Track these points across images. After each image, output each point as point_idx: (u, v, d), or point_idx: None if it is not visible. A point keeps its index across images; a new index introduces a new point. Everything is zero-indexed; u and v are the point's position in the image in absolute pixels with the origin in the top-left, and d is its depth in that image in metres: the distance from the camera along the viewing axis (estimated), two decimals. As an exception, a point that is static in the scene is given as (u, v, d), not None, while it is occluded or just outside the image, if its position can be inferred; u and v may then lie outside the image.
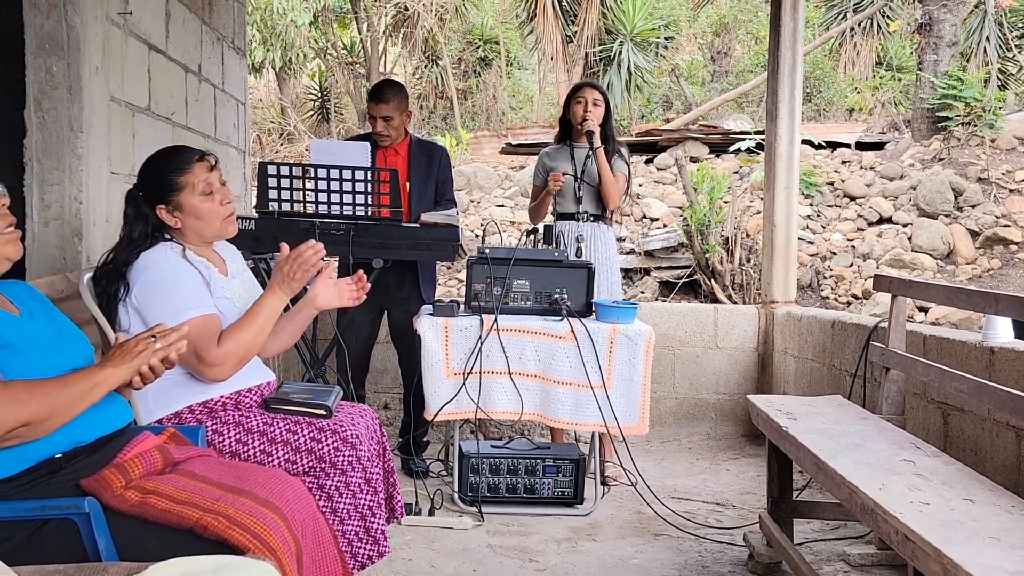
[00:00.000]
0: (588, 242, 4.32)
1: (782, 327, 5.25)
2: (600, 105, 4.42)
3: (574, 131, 4.48)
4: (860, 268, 9.69)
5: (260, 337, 2.51)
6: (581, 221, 4.36)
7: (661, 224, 10.81)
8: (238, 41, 5.04)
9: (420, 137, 4.76)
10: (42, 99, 3.08)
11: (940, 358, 3.37)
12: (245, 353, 2.47)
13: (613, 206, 4.45)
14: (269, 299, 2.54)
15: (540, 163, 4.61)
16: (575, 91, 4.52)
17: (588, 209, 4.40)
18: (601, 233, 4.45)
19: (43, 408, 1.77)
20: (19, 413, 1.73)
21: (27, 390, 1.77)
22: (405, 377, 4.58)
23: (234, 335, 2.46)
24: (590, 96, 4.43)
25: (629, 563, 3.31)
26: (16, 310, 2.00)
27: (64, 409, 1.81)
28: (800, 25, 5.33)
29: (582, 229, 4.33)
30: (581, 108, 4.40)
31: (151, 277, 2.45)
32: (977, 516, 2.04)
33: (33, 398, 1.76)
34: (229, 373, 2.46)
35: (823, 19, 18.15)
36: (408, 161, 4.45)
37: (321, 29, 18.99)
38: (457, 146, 15.06)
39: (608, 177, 4.34)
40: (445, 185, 4.54)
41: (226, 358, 2.43)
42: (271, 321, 2.54)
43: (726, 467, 4.76)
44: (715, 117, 16.07)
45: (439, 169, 4.52)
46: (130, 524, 1.83)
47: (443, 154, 4.60)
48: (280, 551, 1.80)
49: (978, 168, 10.90)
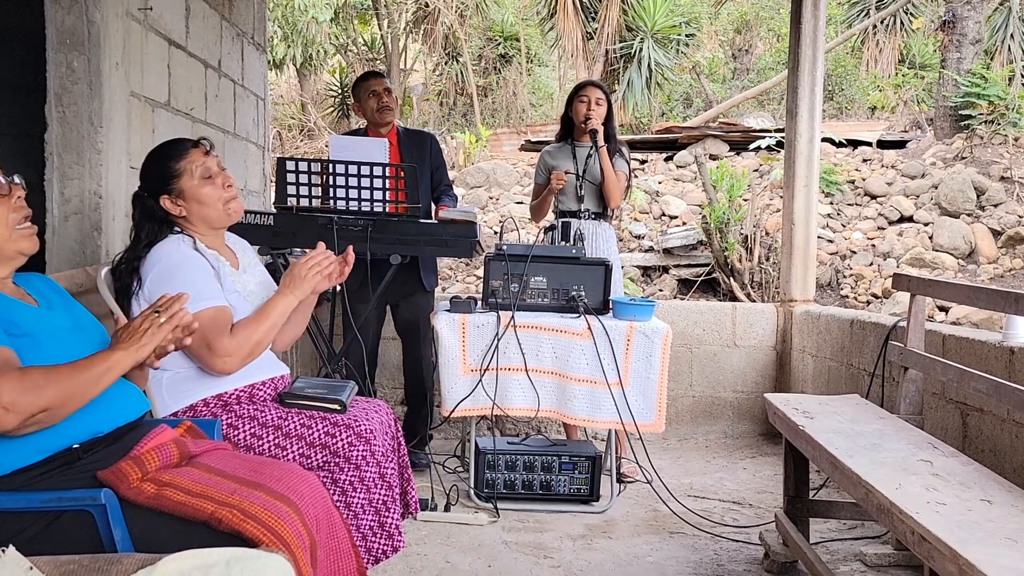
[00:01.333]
0: (589, 240, 4.33)
1: (800, 326, 5.22)
2: (603, 104, 4.43)
3: (576, 129, 4.50)
4: (880, 267, 9.62)
5: (270, 334, 2.54)
6: (583, 219, 4.36)
7: (680, 222, 10.78)
8: (258, 37, 5.06)
9: (406, 127, 4.79)
10: (63, 94, 3.10)
11: (959, 358, 3.34)
12: (254, 349, 2.50)
13: (614, 204, 4.46)
14: (279, 299, 2.58)
15: (541, 161, 4.63)
16: (578, 89, 4.53)
17: (590, 207, 4.41)
18: (603, 231, 4.46)
19: (60, 394, 1.79)
20: (38, 400, 1.75)
21: (44, 377, 1.78)
22: (408, 371, 4.59)
23: (246, 328, 2.48)
24: (593, 95, 4.43)
25: (644, 561, 3.31)
26: (35, 301, 2.02)
27: (80, 394, 1.83)
28: (821, 22, 5.30)
29: (583, 227, 4.33)
30: (584, 107, 4.41)
31: (162, 269, 2.47)
32: (994, 517, 2.02)
33: (50, 385, 1.78)
34: (237, 366, 2.48)
35: (845, 16, 18.02)
36: (399, 150, 4.48)
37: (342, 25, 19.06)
38: (476, 143, 15.06)
39: (611, 175, 4.35)
40: (440, 171, 4.59)
41: (237, 350, 2.44)
42: (282, 319, 2.57)
43: (743, 466, 4.74)
44: (736, 115, 15.99)
45: (431, 155, 4.56)
46: (146, 516, 1.85)
47: (433, 140, 4.65)
48: (294, 544, 1.81)
49: (1001, 167, 10.79)
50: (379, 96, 4.46)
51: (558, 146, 4.61)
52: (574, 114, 4.48)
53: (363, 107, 4.53)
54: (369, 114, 4.50)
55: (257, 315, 2.53)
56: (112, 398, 1.98)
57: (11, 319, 1.89)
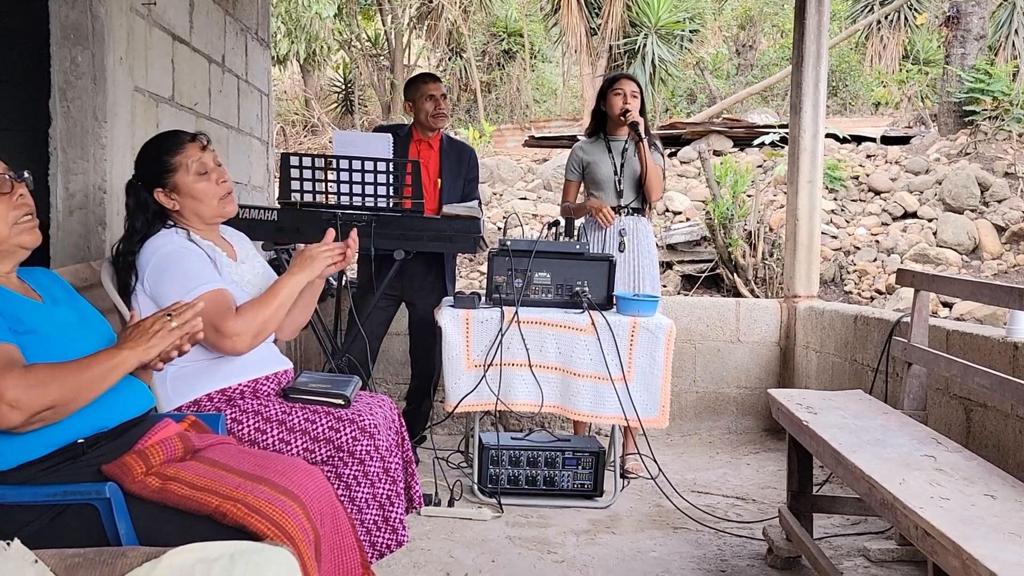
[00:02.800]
0: (631, 235, 4.31)
1: (804, 321, 5.22)
2: (637, 97, 4.36)
3: (609, 123, 4.43)
4: (884, 263, 9.61)
5: (279, 314, 2.55)
6: (624, 215, 4.33)
7: (684, 218, 10.78)
8: (262, 32, 5.06)
9: (449, 135, 4.79)
10: (67, 89, 3.11)
11: (963, 353, 3.34)
12: (263, 327, 2.50)
13: (657, 197, 4.41)
14: (287, 279, 2.59)
15: (574, 157, 4.52)
16: (612, 82, 4.43)
17: (629, 202, 4.38)
18: (642, 226, 4.42)
19: (66, 391, 1.79)
20: (44, 397, 1.76)
21: (49, 374, 1.79)
22: (418, 370, 4.59)
23: (254, 308, 2.49)
24: (628, 88, 4.37)
25: (648, 556, 3.31)
26: (39, 297, 2.02)
27: (85, 391, 1.83)
28: (825, 18, 5.29)
29: (624, 223, 4.30)
30: (620, 100, 4.34)
31: (158, 262, 2.47)
32: (998, 512, 2.02)
33: (55, 382, 1.78)
34: (247, 346, 2.48)
35: (850, 12, 18.01)
36: (440, 157, 4.47)
37: (345, 21, 19.05)
38: (480, 139, 15.06)
39: (653, 168, 4.30)
40: (472, 184, 4.56)
41: (245, 328, 2.45)
42: (290, 300, 2.58)
43: (746, 461, 4.74)
44: (740, 111, 15.98)
45: (468, 168, 4.55)
46: (150, 510, 1.85)
47: (472, 154, 4.64)
48: (298, 538, 1.81)
49: (1005, 163, 10.78)
50: (436, 101, 4.42)
51: (591, 141, 4.52)
52: (609, 107, 4.40)
53: (416, 107, 4.46)
54: (422, 116, 4.44)
55: (265, 295, 2.55)
56: (117, 393, 1.98)
57: (16, 315, 1.89)
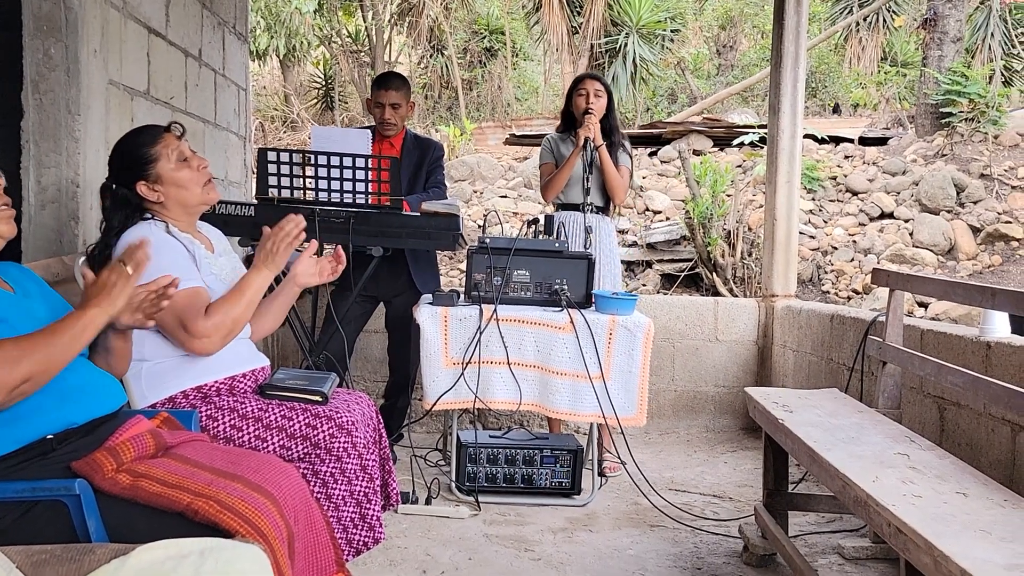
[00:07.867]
0: (595, 233, 4.32)
1: (782, 321, 5.24)
2: (602, 96, 4.38)
3: (577, 123, 4.45)
4: (861, 263, 9.68)
5: (248, 311, 2.52)
6: (587, 212, 4.34)
7: (664, 217, 10.81)
8: (240, 26, 5.03)
9: (418, 133, 4.76)
10: (40, 81, 3.07)
11: (937, 352, 3.36)
12: (233, 327, 2.48)
13: (619, 201, 4.45)
14: (254, 275, 2.55)
15: (549, 144, 4.56)
16: (577, 83, 4.48)
17: (594, 201, 4.39)
18: (605, 225, 4.44)
19: (38, 362, 1.77)
20: (15, 371, 1.73)
21: (17, 348, 1.76)
22: (395, 366, 4.58)
23: (222, 308, 2.46)
24: (591, 87, 4.39)
25: (625, 554, 3.31)
26: (11, 289, 2.00)
27: (59, 357, 1.81)
28: (804, 19, 5.31)
29: (590, 220, 4.31)
30: (583, 100, 4.37)
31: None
32: (969, 509, 2.03)
33: (25, 355, 1.76)
34: (217, 346, 2.46)
35: (829, 13, 18.12)
36: (401, 154, 4.44)
37: (326, 17, 18.97)
38: (461, 136, 15.04)
39: (613, 174, 4.33)
40: (434, 173, 4.52)
41: (214, 330, 2.43)
42: (258, 296, 2.55)
43: (723, 459, 4.76)
44: (720, 110, 16.04)
45: (430, 161, 4.52)
46: (121, 507, 1.83)
47: (436, 148, 4.60)
48: (271, 536, 1.80)
49: (981, 164, 10.88)
50: (384, 109, 4.40)
51: (562, 136, 4.55)
52: (574, 108, 4.43)
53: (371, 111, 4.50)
54: (376, 119, 4.47)
55: (232, 293, 2.51)
56: (88, 390, 1.97)
57: (-14, 303, 1.87)
